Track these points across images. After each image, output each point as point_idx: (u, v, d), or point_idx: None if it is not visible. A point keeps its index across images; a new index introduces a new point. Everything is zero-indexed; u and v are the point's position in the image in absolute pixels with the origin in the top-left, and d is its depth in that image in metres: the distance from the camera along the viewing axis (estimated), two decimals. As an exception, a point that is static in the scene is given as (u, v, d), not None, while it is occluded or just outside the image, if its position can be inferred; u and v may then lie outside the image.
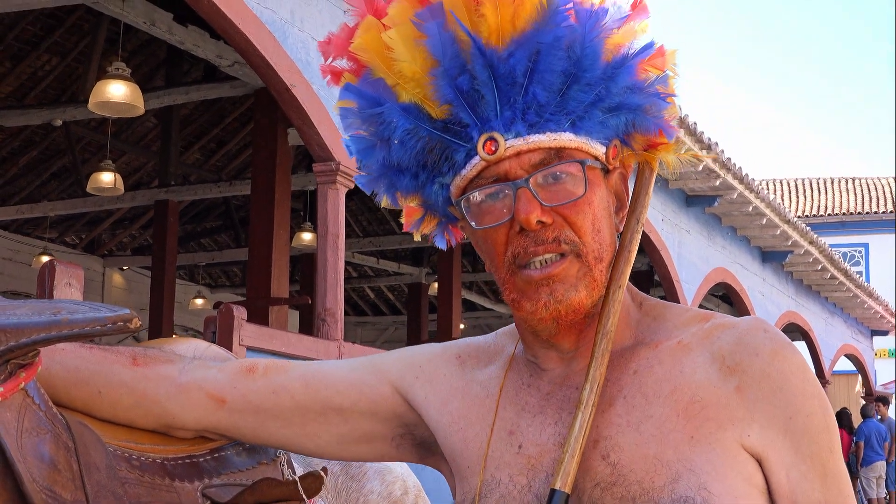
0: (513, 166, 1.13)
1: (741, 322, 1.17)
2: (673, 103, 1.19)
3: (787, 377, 1.11)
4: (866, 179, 28.61)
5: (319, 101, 6.19)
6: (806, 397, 1.11)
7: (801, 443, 1.10)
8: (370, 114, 1.17)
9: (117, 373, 1.27)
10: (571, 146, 1.13)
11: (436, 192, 1.20)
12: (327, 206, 6.18)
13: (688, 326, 1.19)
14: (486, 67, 1.10)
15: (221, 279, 17.79)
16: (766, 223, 12.67)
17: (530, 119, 1.12)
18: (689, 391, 1.13)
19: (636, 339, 1.21)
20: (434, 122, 1.15)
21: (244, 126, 12.16)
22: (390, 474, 1.62)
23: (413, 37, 1.11)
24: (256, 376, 1.30)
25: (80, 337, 1.03)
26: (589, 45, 1.11)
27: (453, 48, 1.10)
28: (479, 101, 1.12)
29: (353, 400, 1.30)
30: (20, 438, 1.03)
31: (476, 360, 1.31)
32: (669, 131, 1.20)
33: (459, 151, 1.15)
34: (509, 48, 1.10)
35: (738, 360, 1.12)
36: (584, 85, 1.12)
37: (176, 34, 7.65)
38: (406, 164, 1.19)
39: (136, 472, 1.17)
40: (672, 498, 1.07)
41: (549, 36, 1.09)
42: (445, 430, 1.26)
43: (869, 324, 20.05)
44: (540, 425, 1.18)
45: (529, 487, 1.15)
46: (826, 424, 1.12)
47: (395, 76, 1.14)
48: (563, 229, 1.13)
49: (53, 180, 13.08)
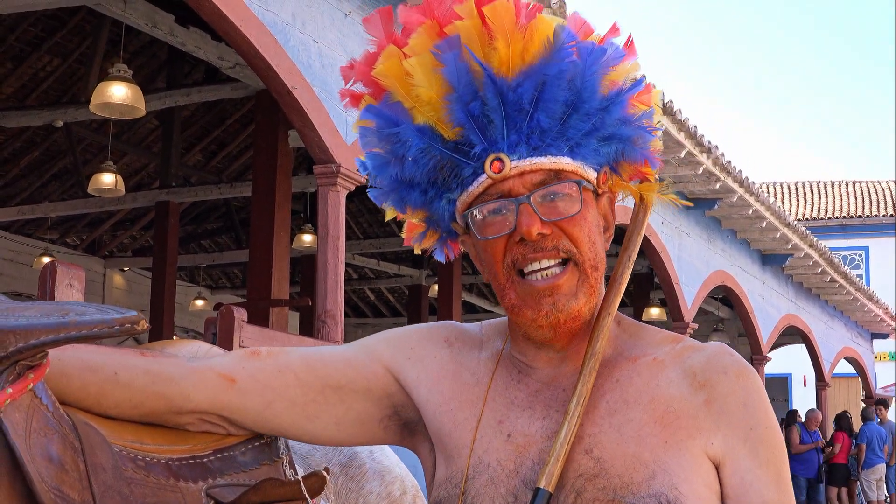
0: (516, 184, 1.24)
1: (709, 346, 1.32)
2: (657, 136, 1.33)
3: (749, 394, 1.26)
4: (867, 183, 28.62)
5: (320, 103, 6.21)
6: (766, 414, 1.27)
7: (759, 450, 1.24)
8: (388, 133, 1.29)
9: (130, 359, 1.32)
10: (568, 169, 1.26)
11: (443, 206, 1.32)
12: (328, 208, 6.19)
13: (661, 346, 1.32)
14: (496, 95, 1.23)
15: (222, 280, 17.80)
16: (766, 226, 12.68)
17: (534, 143, 1.24)
18: (665, 402, 1.25)
19: (616, 351, 1.33)
20: (446, 143, 1.26)
21: (245, 128, 12.18)
22: (389, 474, 1.63)
23: (431, 65, 1.24)
24: (262, 358, 1.38)
25: (88, 338, 1.05)
26: (589, 79, 1.24)
27: (467, 77, 1.22)
28: (489, 125, 1.24)
29: (350, 377, 1.38)
30: (29, 439, 1.05)
31: (462, 343, 1.41)
32: (653, 161, 1.33)
33: (468, 169, 1.26)
34: (518, 79, 1.23)
35: (707, 377, 1.27)
36: (582, 114, 1.25)
37: (177, 36, 7.66)
38: (417, 179, 1.30)
39: (141, 472, 1.19)
40: (649, 492, 1.18)
41: (554, 69, 1.22)
42: (435, 410, 1.35)
43: (869, 327, 20.06)
44: (528, 419, 1.29)
45: (517, 472, 1.25)
46: (781, 440, 1.28)
47: (413, 100, 1.26)
48: (560, 239, 1.25)
49: (54, 181, 13.09)
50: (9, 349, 1.02)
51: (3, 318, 1.04)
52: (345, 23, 6.61)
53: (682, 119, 9.47)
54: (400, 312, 18.60)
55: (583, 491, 1.20)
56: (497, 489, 1.24)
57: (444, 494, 1.28)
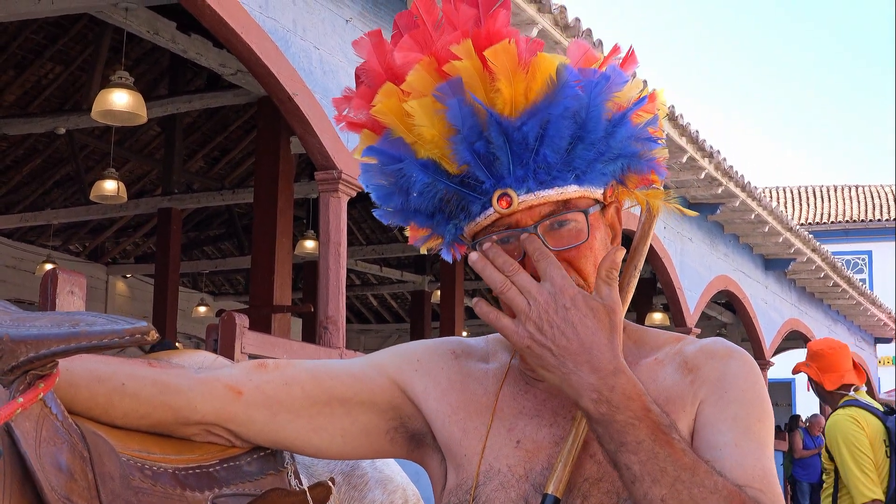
0: (524, 217, 1.25)
1: (707, 339, 1.34)
2: (663, 144, 1.33)
3: (732, 370, 1.27)
4: (869, 187, 28.63)
5: (321, 109, 6.22)
6: (747, 383, 1.26)
7: (728, 407, 1.23)
8: (391, 169, 1.29)
9: (138, 369, 1.33)
10: (576, 196, 1.26)
11: (449, 230, 1.32)
12: (329, 214, 6.20)
13: (663, 347, 1.34)
14: (501, 134, 1.22)
15: (224, 287, 17.82)
16: (768, 231, 12.68)
17: (541, 177, 1.24)
18: (661, 396, 1.26)
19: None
20: (451, 178, 1.26)
21: (247, 134, 12.20)
22: (391, 483, 1.64)
23: (433, 107, 1.23)
24: (268, 370, 1.38)
25: (99, 349, 1.06)
26: (593, 110, 1.23)
27: (472, 119, 1.22)
28: (494, 162, 1.24)
29: (356, 390, 1.38)
30: (39, 448, 1.06)
31: (468, 356, 1.41)
32: (660, 170, 1.33)
33: (475, 203, 1.26)
34: (522, 118, 1.22)
35: (697, 363, 1.29)
36: (587, 144, 1.24)
37: (179, 43, 7.69)
38: (423, 209, 1.30)
39: (148, 481, 1.19)
40: None
41: (559, 107, 1.21)
42: (444, 420, 1.35)
43: (872, 331, 20.05)
44: (537, 426, 1.30)
45: (527, 477, 1.26)
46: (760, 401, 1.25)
47: (415, 137, 1.25)
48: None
49: (57, 189, 13.11)
50: (20, 359, 1.03)
51: (15, 327, 1.05)
52: (346, 29, 6.62)
53: (684, 124, 9.48)
54: (402, 318, 18.61)
55: (589, 495, 1.22)
56: (507, 494, 1.25)
57: (454, 501, 1.28)
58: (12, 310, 1.11)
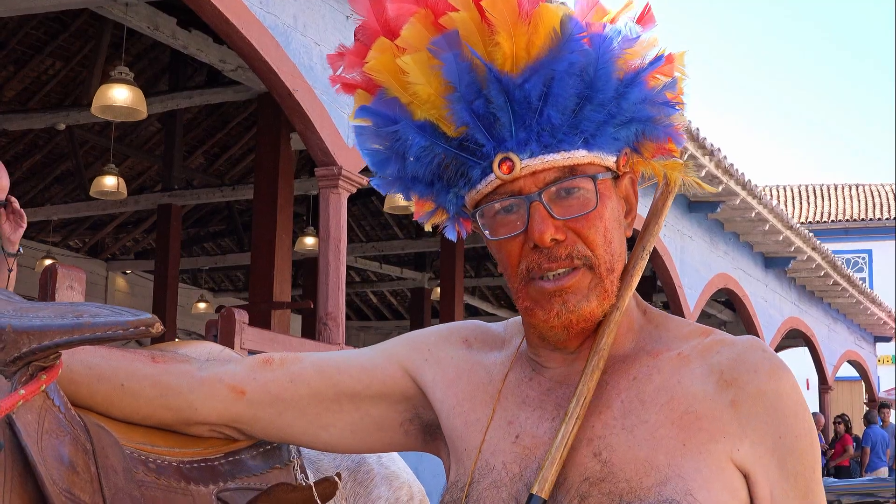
0: (527, 183, 1.16)
1: (740, 340, 1.21)
2: (682, 109, 1.22)
3: (781, 397, 1.15)
4: (870, 186, 28.60)
5: (322, 105, 6.21)
6: (797, 419, 1.15)
7: (786, 461, 1.14)
8: (386, 131, 1.20)
9: (139, 368, 1.29)
10: (584, 162, 1.17)
11: (450, 199, 1.24)
12: (329, 210, 6.19)
13: (688, 339, 1.22)
14: (501, 93, 1.13)
15: (224, 283, 17.80)
16: (768, 229, 12.67)
17: (545, 140, 1.15)
18: (685, 402, 1.16)
19: (637, 345, 1.24)
20: (449, 140, 1.18)
21: (247, 131, 12.17)
22: (397, 480, 1.63)
23: (428, 62, 1.14)
24: (274, 367, 1.33)
25: (102, 340, 1.04)
26: (602, 68, 1.14)
27: (469, 76, 1.13)
28: (495, 123, 1.15)
29: (366, 384, 1.33)
30: (41, 440, 1.04)
31: (482, 343, 1.34)
32: (678, 138, 1.23)
33: (475, 169, 1.18)
34: (524, 74, 1.13)
35: (735, 376, 1.16)
36: (596, 105, 1.15)
37: (179, 39, 7.67)
38: (421, 175, 1.22)
39: (152, 474, 1.18)
40: (658, 499, 1.10)
41: (563, 63, 1.13)
42: (449, 412, 1.29)
43: (872, 330, 20.04)
44: (538, 419, 1.22)
45: (521, 476, 1.18)
46: (812, 446, 1.17)
47: (410, 96, 1.17)
48: (575, 245, 1.17)
49: (57, 184, 13.09)
50: (22, 350, 1.02)
51: (17, 318, 1.03)
52: (346, 25, 6.61)
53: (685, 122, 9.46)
54: (402, 315, 18.59)
55: (587, 495, 1.13)
56: (499, 493, 1.18)
57: (448, 499, 1.23)
58: (15, 300, 1.09)
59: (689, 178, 1.28)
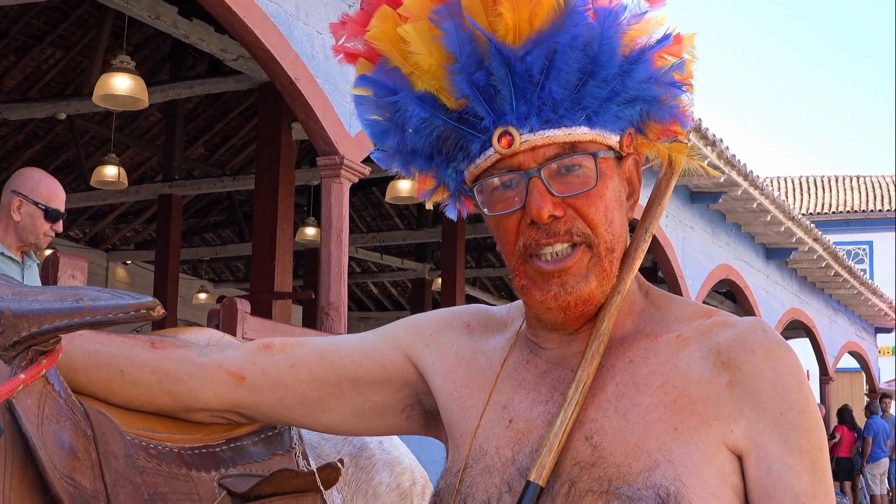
0: (527, 159, 1.14)
1: (742, 321, 1.18)
2: (690, 90, 1.20)
3: (780, 374, 1.12)
4: (871, 177, 28.58)
5: (324, 94, 6.19)
6: (800, 395, 1.12)
7: (790, 436, 1.10)
8: (386, 101, 1.19)
9: (138, 354, 1.28)
10: (586, 139, 1.14)
11: (449, 174, 1.22)
12: (331, 200, 6.17)
13: (689, 321, 1.20)
14: (502, 65, 1.11)
15: (225, 274, 17.80)
16: (770, 220, 12.65)
17: (546, 115, 1.13)
18: (680, 385, 1.14)
19: (637, 327, 1.22)
20: (449, 113, 1.16)
21: (248, 121, 12.16)
22: (399, 465, 1.63)
23: (429, 32, 1.13)
24: (274, 352, 1.32)
25: (102, 324, 1.03)
26: (606, 43, 1.12)
27: (470, 46, 1.12)
28: (496, 96, 1.13)
29: (367, 369, 1.32)
30: (41, 426, 1.03)
31: (484, 328, 1.32)
32: (684, 120, 1.21)
33: (474, 142, 1.16)
34: (526, 47, 1.11)
35: (732, 357, 1.13)
36: (599, 81, 1.13)
37: (180, 28, 7.64)
38: (420, 148, 1.21)
39: (153, 461, 1.17)
40: (647, 484, 1.08)
41: (566, 36, 1.10)
42: (447, 398, 1.28)
43: (873, 321, 20.05)
44: (532, 402, 1.20)
45: (513, 460, 1.17)
46: (818, 424, 1.13)
47: (411, 66, 1.15)
48: (574, 221, 1.15)
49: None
50: (22, 334, 1.00)
51: (17, 302, 1.02)
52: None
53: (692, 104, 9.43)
54: (403, 306, 18.59)
55: (577, 480, 1.11)
56: (492, 478, 1.17)
57: (443, 484, 1.22)
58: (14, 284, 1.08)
59: (693, 163, 1.26)
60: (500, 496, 1.15)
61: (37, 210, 4.12)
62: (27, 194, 4.11)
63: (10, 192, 4.12)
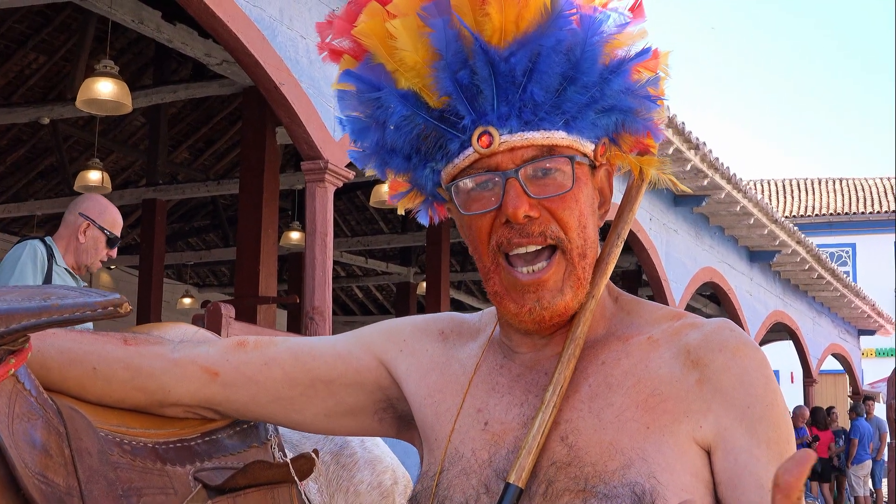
0: (504, 160, 1.16)
1: (710, 322, 1.21)
2: (662, 105, 1.23)
3: (747, 370, 1.15)
4: (854, 180, 28.75)
5: (308, 99, 6.19)
6: (767, 390, 1.14)
7: (757, 429, 1.12)
8: (368, 97, 1.20)
9: (111, 350, 1.28)
10: (563, 144, 1.16)
11: (426, 175, 1.23)
12: (315, 204, 6.18)
13: (659, 323, 1.23)
14: (486, 64, 1.13)
15: (209, 278, 17.75)
16: (753, 223, 12.71)
17: (526, 117, 1.15)
18: (651, 384, 1.16)
19: (609, 331, 1.25)
20: (430, 111, 1.18)
21: (232, 125, 12.14)
22: (380, 464, 1.63)
23: (417, 28, 1.14)
24: (248, 349, 1.33)
25: (71, 322, 1.03)
26: (589, 50, 1.14)
27: (457, 44, 1.13)
28: (478, 96, 1.15)
29: (340, 371, 1.33)
30: (12, 424, 1.03)
31: (458, 335, 1.34)
32: (657, 133, 1.24)
33: (454, 142, 1.18)
34: (511, 48, 1.13)
35: (701, 355, 1.16)
36: (580, 86, 1.16)
37: (164, 32, 7.63)
38: (400, 147, 1.22)
39: (127, 456, 1.17)
40: (622, 482, 1.10)
41: (551, 39, 1.13)
42: (420, 402, 1.29)
43: (856, 323, 20.14)
44: (507, 405, 1.22)
45: (490, 462, 1.18)
46: (785, 419, 1.15)
47: (396, 63, 1.17)
48: (549, 224, 1.16)
49: (40, 179, 13.02)
50: (-11, 334, 1.00)
51: (-17, 301, 1.02)
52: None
53: (670, 115, 9.48)
54: (388, 310, 18.58)
55: (554, 480, 1.13)
56: (469, 480, 1.18)
57: (419, 488, 1.23)
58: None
59: (664, 176, 1.29)
60: (478, 497, 1.16)
61: (101, 235, 4.23)
62: (95, 219, 4.20)
63: (78, 215, 4.19)
